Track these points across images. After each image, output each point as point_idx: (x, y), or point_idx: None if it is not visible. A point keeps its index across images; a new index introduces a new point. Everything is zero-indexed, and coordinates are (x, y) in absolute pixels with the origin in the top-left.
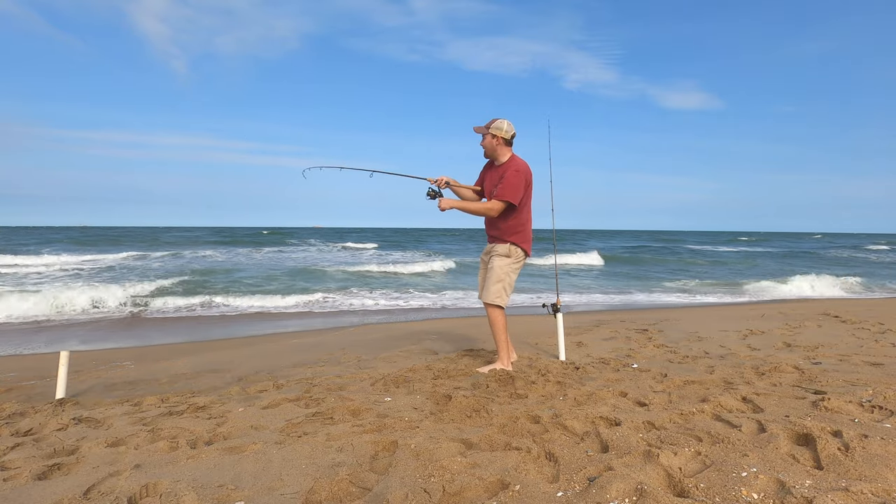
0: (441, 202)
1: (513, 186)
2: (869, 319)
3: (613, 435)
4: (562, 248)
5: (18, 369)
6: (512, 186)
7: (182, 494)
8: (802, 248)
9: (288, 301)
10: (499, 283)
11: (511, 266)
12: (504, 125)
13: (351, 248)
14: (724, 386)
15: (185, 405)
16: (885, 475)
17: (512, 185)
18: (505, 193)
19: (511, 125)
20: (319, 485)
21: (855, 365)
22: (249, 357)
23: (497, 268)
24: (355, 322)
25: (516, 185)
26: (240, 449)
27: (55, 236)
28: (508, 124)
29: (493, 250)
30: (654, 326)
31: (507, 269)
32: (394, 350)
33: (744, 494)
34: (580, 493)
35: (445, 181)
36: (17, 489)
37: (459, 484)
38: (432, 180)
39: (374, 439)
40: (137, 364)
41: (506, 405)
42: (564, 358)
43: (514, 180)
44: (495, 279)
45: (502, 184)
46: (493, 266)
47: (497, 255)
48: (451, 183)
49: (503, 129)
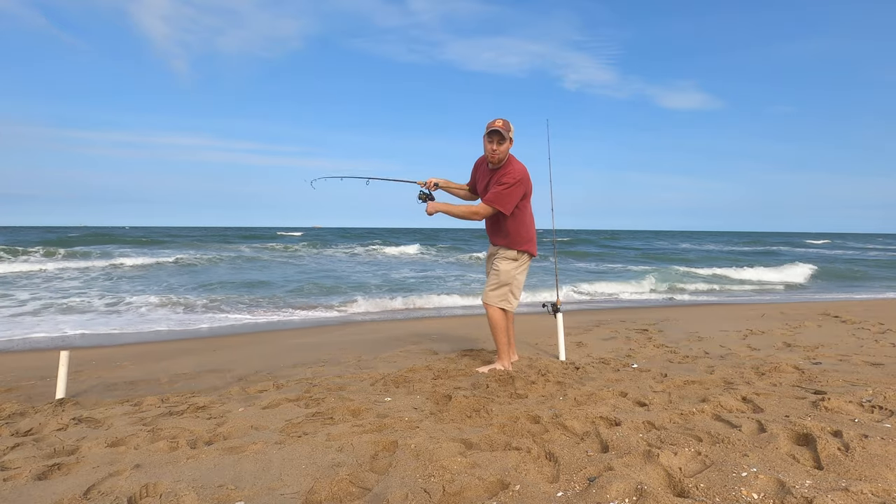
0: (428, 206)
1: (508, 195)
2: (869, 319)
3: (613, 435)
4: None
5: (18, 369)
6: (507, 195)
7: (182, 494)
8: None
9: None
10: (505, 287)
11: (518, 269)
12: (513, 127)
13: (398, 252)
14: (724, 386)
15: (185, 405)
16: (885, 475)
17: (508, 193)
18: (498, 200)
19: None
20: (319, 485)
21: (855, 365)
22: (249, 357)
23: (504, 271)
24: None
25: (512, 195)
26: (240, 449)
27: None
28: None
29: (499, 253)
30: (654, 326)
31: (513, 273)
32: (394, 350)
33: (744, 494)
34: (580, 493)
35: (434, 183)
36: (17, 489)
37: (459, 484)
38: (422, 183)
39: (374, 439)
40: (137, 364)
41: (506, 405)
42: (564, 358)
43: (513, 190)
44: (501, 282)
45: (498, 189)
46: (500, 269)
47: (504, 258)
48: (440, 184)
49: (513, 131)
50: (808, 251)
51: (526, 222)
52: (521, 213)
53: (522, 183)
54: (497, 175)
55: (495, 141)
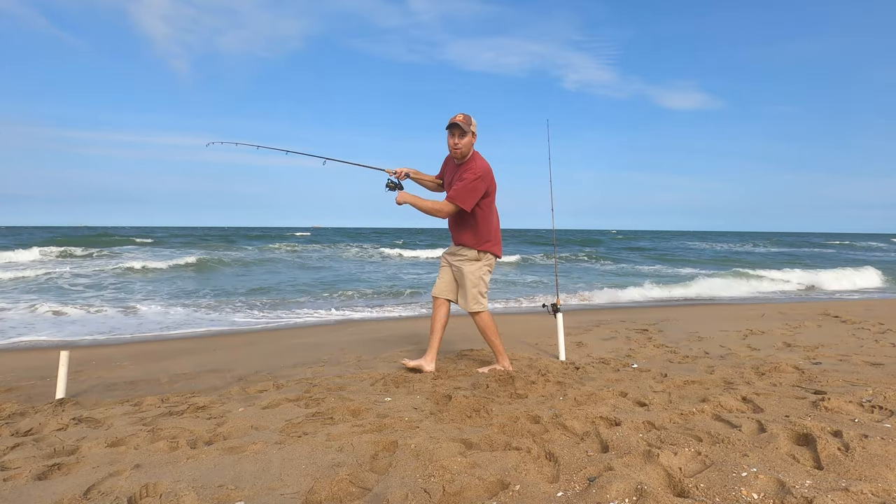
0: (398, 196)
1: (469, 191)
2: (869, 319)
3: (613, 435)
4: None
5: (18, 369)
6: (468, 191)
7: (182, 494)
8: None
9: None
10: (474, 289)
11: (483, 270)
12: (475, 122)
13: (416, 254)
14: (724, 386)
15: (185, 405)
16: (885, 475)
17: (469, 189)
18: (459, 197)
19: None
20: (319, 485)
21: (855, 365)
22: (249, 357)
23: (469, 273)
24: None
25: (473, 191)
26: (240, 449)
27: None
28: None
29: (461, 253)
30: (654, 326)
31: (479, 274)
32: (394, 350)
33: (744, 494)
34: (580, 493)
35: (405, 173)
36: (17, 489)
37: (459, 484)
38: (391, 171)
39: (374, 439)
40: (138, 364)
41: (506, 405)
42: (564, 358)
43: (473, 185)
44: (470, 285)
45: (459, 185)
46: (465, 272)
47: (467, 259)
48: (411, 174)
49: (475, 126)
50: (847, 253)
51: (489, 222)
52: (484, 212)
53: (484, 179)
54: (460, 171)
55: (456, 135)
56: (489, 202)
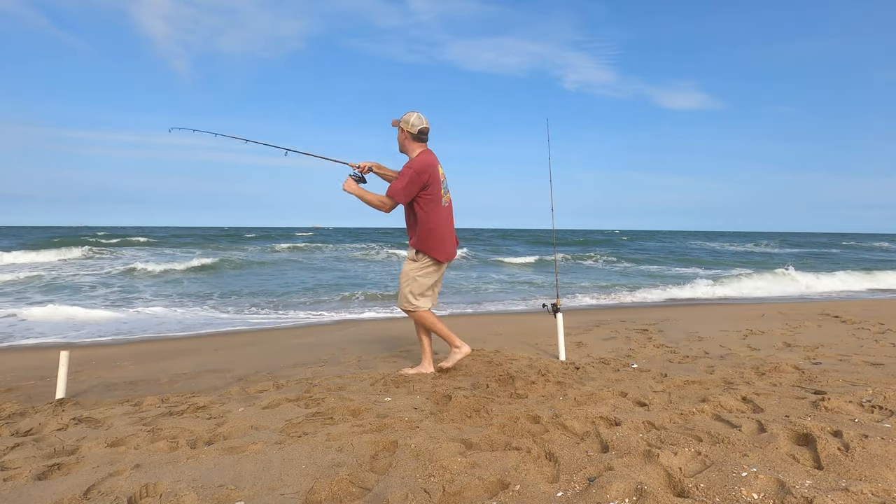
0: (346, 184)
1: (403, 185)
2: (869, 319)
3: (613, 435)
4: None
5: (18, 369)
6: (401, 184)
7: (182, 494)
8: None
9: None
10: (406, 288)
11: (417, 271)
12: (412, 118)
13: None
14: (724, 386)
15: (185, 405)
16: (885, 475)
17: (404, 181)
18: (394, 190)
19: (421, 118)
20: (319, 485)
21: (855, 365)
22: (249, 357)
23: (404, 271)
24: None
25: (410, 184)
26: (240, 449)
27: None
28: (417, 117)
29: (407, 251)
30: (654, 326)
31: (413, 275)
32: (394, 350)
33: (744, 494)
34: (580, 493)
35: (369, 167)
36: (17, 489)
37: (459, 484)
38: (355, 165)
39: (374, 439)
40: (138, 364)
41: (506, 405)
42: (564, 358)
43: (407, 178)
44: (403, 283)
45: (396, 180)
46: (402, 269)
47: (407, 257)
48: (374, 169)
49: (410, 123)
50: (866, 254)
51: (430, 221)
52: (425, 212)
53: (419, 173)
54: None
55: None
56: (430, 200)
